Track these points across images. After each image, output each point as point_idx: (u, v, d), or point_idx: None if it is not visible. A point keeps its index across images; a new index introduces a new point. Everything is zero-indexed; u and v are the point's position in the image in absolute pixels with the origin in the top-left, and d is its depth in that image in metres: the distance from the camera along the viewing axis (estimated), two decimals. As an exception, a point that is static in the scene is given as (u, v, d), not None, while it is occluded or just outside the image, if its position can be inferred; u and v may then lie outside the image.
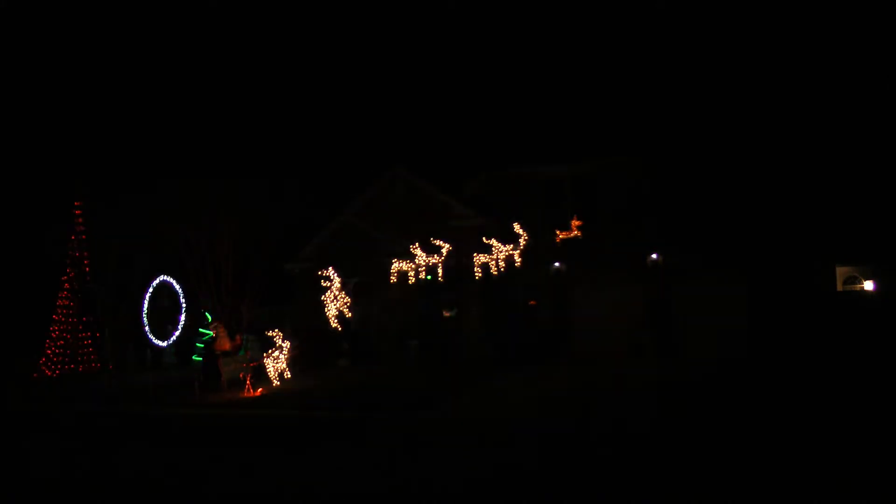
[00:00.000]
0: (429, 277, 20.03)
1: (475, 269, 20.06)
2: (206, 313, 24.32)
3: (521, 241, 19.81)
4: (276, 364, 18.35)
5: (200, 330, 24.15)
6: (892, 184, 22.45)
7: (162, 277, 25.86)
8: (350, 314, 19.69)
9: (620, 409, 13.24)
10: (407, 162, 25.99)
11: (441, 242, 19.35)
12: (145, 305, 25.22)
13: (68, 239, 25.25)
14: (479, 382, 17.52)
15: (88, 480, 9.80)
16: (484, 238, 19.94)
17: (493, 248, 19.71)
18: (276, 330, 18.55)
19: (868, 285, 21.92)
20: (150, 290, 25.53)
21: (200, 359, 21.58)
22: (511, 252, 19.76)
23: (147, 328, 25.06)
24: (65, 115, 37.66)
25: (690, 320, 20.59)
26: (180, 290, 26.08)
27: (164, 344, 25.59)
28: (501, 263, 19.77)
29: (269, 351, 18.55)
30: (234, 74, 50.36)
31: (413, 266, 19.48)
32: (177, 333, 25.74)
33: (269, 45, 55.48)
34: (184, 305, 25.97)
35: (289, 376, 18.70)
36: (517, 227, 19.74)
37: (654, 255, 22.33)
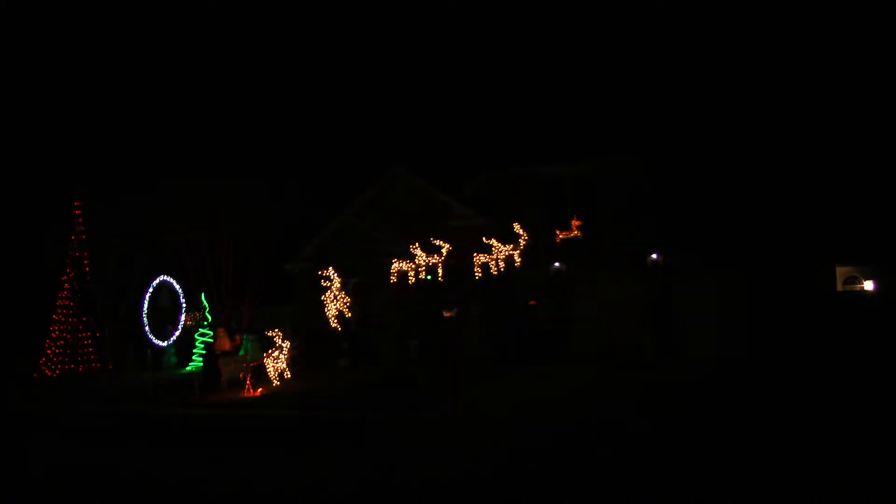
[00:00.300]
0: (429, 277, 20.04)
1: (475, 269, 20.07)
2: (206, 313, 24.38)
3: (521, 241, 19.81)
4: (276, 364, 18.35)
5: (200, 330, 24.20)
6: (892, 184, 22.44)
7: (162, 277, 25.95)
8: (350, 314, 19.70)
9: (621, 408, 13.24)
10: (407, 162, 25.99)
11: (441, 242, 19.35)
12: (145, 305, 25.29)
13: (68, 239, 25.24)
14: (479, 382, 17.53)
15: (88, 480, 9.80)
16: (484, 238, 19.93)
17: (493, 248, 19.71)
18: (276, 330, 18.56)
19: (868, 285, 21.90)
20: (150, 290, 25.62)
21: (201, 363, 21.61)
22: (511, 252, 19.76)
23: (147, 328, 25.15)
24: (64, 115, 37.65)
25: (690, 320, 20.57)
26: (180, 290, 26.16)
27: (164, 344, 25.67)
28: (501, 263, 19.77)
29: (269, 351, 18.56)
30: (233, 74, 50.38)
31: (413, 266, 19.49)
32: (177, 333, 25.82)
33: (269, 45, 55.48)
34: (184, 305, 26.04)
35: (289, 376, 18.71)
36: (517, 227, 19.74)
37: (654, 255, 22.32)
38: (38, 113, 37.46)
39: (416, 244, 19.41)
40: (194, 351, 24.32)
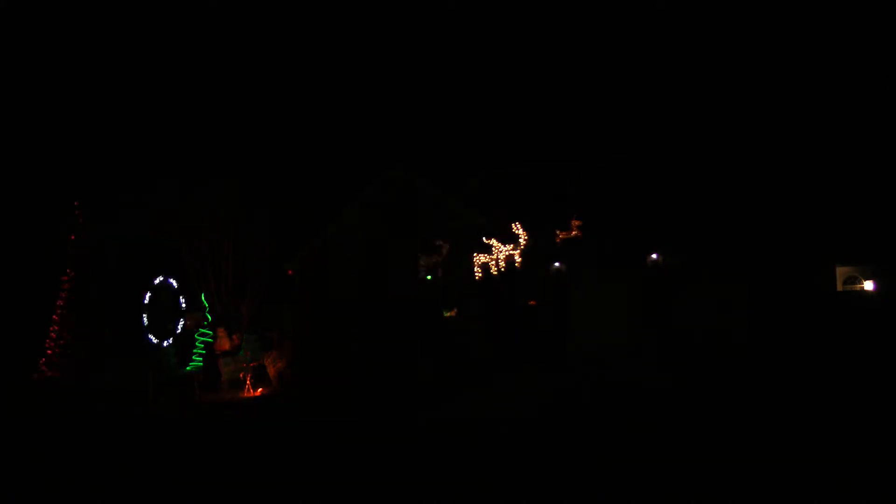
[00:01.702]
0: (429, 277, 20.05)
1: (475, 269, 20.07)
2: (206, 313, 24.37)
3: (521, 241, 19.82)
4: (276, 364, 18.37)
5: (201, 330, 24.18)
6: (892, 184, 22.41)
7: (162, 277, 25.92)
8: (350, 313, 19.71)
9: (621, 408, 13.25)
10: (406, 161, 25.92)
11: (441, 242, 19.34)
12: (145, 306, 25.25)
13: (68, 239, 25.21)
14: (480, 382, 17.53)
15: (88, 480, 9.80)
16: (484, 238, 19.93)
17: (493, 248, 19.72)
18: (276, 330, 18.57)
19: (868, 285, 21.88)
20: (150, 290, 25.58)
21: (201, 363, 21.61)
22: (511, 252, 19.77)
23: (147, 328, 25.11)
24: (65, 114, 37.61)
25: (690, 320, 20.57)
26: (180, 290, 26.12)
27: (164, 344, 25.64)
28: (501, 263, 19.78)
29: (269, 351, 18.57)
30: (233, 74, 50.32)
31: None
32: (177, 333, 25.78)
33: (269, 45, 55.44)
34: (184, 305, 26.02)
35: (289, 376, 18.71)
36: (517, 227, 19.75)
37: (654, 255, 22.31)
38: (39, 112, 37.42)
39: (416, 244, 19.44)
40: (194, 351, 24.31)
